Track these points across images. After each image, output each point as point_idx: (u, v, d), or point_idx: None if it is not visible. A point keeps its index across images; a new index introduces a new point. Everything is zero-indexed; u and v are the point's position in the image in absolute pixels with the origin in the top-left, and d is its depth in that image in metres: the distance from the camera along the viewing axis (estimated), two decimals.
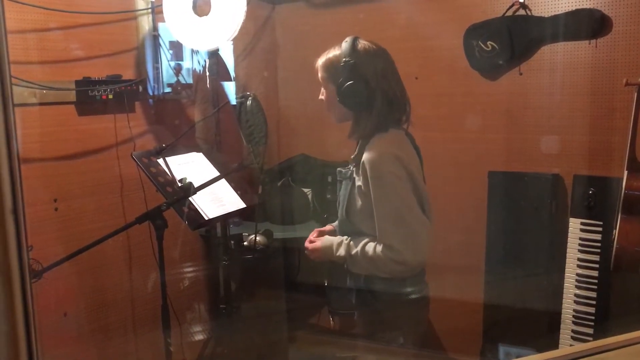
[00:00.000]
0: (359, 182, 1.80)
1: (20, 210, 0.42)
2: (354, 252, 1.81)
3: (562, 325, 2.44)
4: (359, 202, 1.81)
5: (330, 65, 1.83)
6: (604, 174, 2.44)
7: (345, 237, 1.87)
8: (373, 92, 1.78)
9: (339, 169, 1.94)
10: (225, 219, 2.53)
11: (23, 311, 0.40)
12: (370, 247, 1.78)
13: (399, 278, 1.81)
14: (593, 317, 2.37)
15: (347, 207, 1.85)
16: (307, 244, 1.99)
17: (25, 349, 0.40)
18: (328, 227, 2.05)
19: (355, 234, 1.85)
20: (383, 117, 1.80)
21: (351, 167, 1.88)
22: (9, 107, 0.43)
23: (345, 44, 1.79)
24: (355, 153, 1.86)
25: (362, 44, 1.81)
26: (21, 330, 0.40)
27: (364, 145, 1.80)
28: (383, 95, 1.79)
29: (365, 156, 1.76)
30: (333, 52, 1.83)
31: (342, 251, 1.85)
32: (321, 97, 1.90)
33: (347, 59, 1.77)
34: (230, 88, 3.04)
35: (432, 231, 1.82)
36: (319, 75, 1.87)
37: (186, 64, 2.88)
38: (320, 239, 1.95)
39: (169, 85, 2.83)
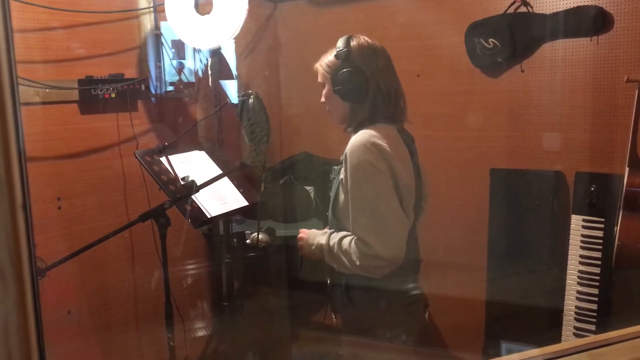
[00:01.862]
0: (341, 175, 1.79)
1: (28, 206, 0.43)
2: (332, 243, 1.78)
3: (564, 322, 2.45)
4: (342, 197, 1.79)
5: (329, 63, 1.84)
6: (606, 171, 2.44)
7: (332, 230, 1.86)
8: (367, 84, 1.77)
9: (334, 167, 1.94)
10: (227, 217, 2.53)
11: (33, 305, 0.40)
12: (347, 240, 1.75)
13: (366, 272, 1.76)
14: (595, 314, 2.37)
15: (334, 204, 1.84)
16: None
17: (36, 343, 0.41)
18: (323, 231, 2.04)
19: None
20: (374, 111, 1.79)
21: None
22: (17, 106, 0.44)
23: (341, 40, 1.82)
24: None
25: (356, 39, 1.83)
26: (32, 325, 0.40)
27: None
28: (376, 88, 1.79)
29: (348, 146, 1.76)
30: (331, 53, 1.85)
31: (322, 239, 1.83)
32: (323, 99, 1.91)
33: (341, 51, 1.79)
34: (232, 86, 3.04)
35: (407, 230, 1.77)
36: (320, 76, 1.88)
37: (188, 62, 2.89)
38: (309, 230, 1.96)
39: (171, 83, 2.84)
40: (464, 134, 2.83)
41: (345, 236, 1.77)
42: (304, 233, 1.95)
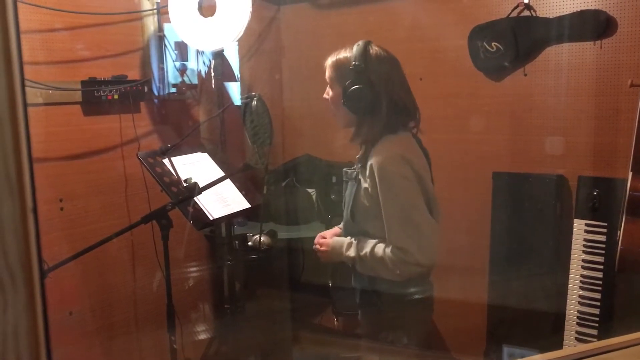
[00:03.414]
0: (365, 184, 1.79)
1: (36, 209, 0.43)
2: (363, 253, 1.80)
3: (566, 327, 2.44)
4: (365, 204, 1.80)
5: (339, 66, 1.81)
6: (609, 175, 2.44)
7: (354, 238, 1.86)
8: (378, 98, 1.76)
9: (344, 169, 1.93)
10: (230, 219, 2.53)
11: (42, 308, 0.40)
12: (380, 248, 1.76)
13: (404, 279, 1.80)
14: (597, 319, 2.37)
15: (353, 208, 1.84)
16: (316, 242, 1.97)
17: (44, 346, 0.41)
18: (335, 229, 2.04)
19: (360, 235, 1.85)
20: (391, 121, 1.79)
21: (357, 168, 1.87)
22: (26, 109, 0.44)
23: (357, 47, 1.77)
24: (361, 154, 1.86)
25: (373, 49, 1.79)
26: (41, 328, 0.40)
27: (371, 148, 1.80)
28: (389, 101, 1.77)
29: (374, 158, 1.76)
30: (344, 53, 1.81)
31: (352, 252, 1.84)
32: (326, 96, 1.88)
33: (356, 63, 1.76)
34: (235, 88, 3.05)
35: (439, 233, 1.82)
36: (327, 74, 1.86)
37: (191, 64, 2.89)
38: (330, 240, 1.94)
39: (174, 85, 2.84)
40: (466, 137, 2.82)
41: (376, 244, 1.79)
42: (327, 243, 1.94)
